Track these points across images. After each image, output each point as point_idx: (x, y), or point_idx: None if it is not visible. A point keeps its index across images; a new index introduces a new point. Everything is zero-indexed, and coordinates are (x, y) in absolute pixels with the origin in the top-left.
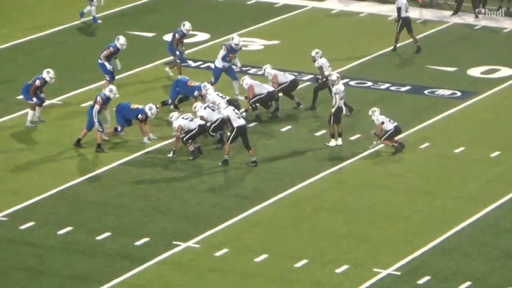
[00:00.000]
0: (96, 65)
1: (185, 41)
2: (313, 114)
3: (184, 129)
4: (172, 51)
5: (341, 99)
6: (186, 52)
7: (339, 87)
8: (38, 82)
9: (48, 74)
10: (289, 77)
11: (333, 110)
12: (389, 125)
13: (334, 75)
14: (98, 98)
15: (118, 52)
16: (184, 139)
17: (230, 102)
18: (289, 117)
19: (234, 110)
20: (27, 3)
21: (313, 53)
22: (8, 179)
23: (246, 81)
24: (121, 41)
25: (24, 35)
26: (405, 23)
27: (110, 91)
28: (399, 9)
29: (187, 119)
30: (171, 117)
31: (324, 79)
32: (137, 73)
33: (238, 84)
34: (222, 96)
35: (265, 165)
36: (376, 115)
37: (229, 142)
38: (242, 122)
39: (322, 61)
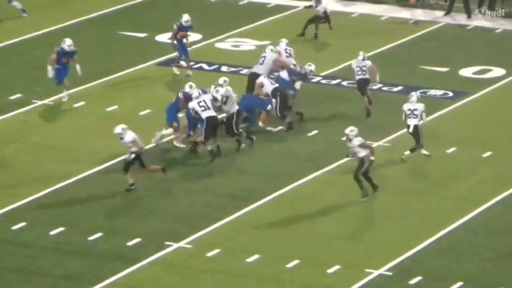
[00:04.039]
0: (87, 65)
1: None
2: (306, 115)
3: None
4: (173, 46)
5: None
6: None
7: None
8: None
9: (190, 89)
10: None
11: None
12: (362, 152)
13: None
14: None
15: (70, 55)
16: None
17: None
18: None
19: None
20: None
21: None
22: None
23: (260, 78)
24: (67, 42)
25: (15, 35)
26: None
27: (191, 87)
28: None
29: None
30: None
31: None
32: (128, 73)
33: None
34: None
35: (258, 165)
36: (352, 136)
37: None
38: (211, 113)
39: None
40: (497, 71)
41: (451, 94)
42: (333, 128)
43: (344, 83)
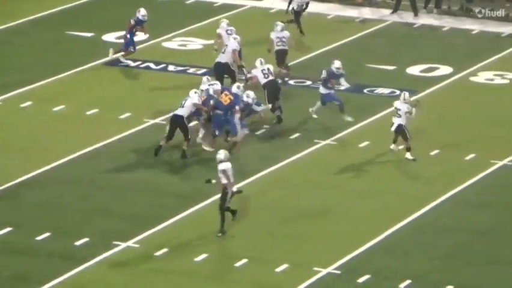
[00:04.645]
0: (34, 65)
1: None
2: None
3: None
4: (125, 39)
5: None
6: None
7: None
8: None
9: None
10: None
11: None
12: (223, 179)
13: None
14: (237, 108)
15: None
16: None
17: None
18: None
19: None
20: None
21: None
22: None
23: (253, 70)
24: None
25: None
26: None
27: (248, 96)
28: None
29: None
30: None
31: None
32: (76, 73)
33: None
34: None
35: (205, 164)
36: (219, 159)
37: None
38: (177, 112)
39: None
40: (444, 69)
41: (398, 92)
42: (281, 126)
43: (291, 82)
